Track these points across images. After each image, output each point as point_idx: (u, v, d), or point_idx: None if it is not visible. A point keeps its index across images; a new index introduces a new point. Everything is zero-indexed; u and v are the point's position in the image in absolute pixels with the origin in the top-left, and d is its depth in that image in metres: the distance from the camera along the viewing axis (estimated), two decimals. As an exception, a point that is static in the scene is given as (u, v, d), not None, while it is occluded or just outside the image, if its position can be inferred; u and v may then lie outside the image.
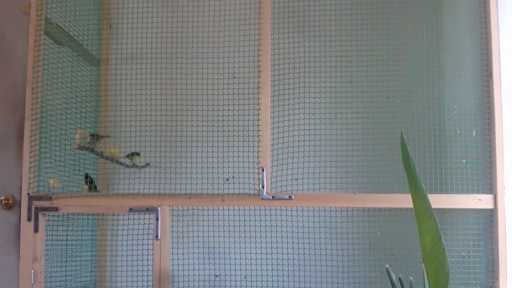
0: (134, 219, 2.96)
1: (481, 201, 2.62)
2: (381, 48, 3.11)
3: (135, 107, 3.11)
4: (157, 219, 2.75)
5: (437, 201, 2.61)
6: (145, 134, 3.07)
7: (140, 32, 3.15)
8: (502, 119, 2.62)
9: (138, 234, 2.97)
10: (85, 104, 3.16)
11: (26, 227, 2.78)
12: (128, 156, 3.12)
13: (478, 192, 2.66)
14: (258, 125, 2.74)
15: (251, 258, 3.02)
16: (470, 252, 2.73)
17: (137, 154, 3.14)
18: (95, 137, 3.03)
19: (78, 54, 3.17)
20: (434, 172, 2.74)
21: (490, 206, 2.62)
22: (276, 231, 2.99)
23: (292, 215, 2.98)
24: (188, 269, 2.99)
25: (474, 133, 2.72)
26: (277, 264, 3.00)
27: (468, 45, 2.83)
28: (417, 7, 3.06)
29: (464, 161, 2.72)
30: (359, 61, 3.11)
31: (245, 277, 3.02)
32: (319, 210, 2.97)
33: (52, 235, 2.92)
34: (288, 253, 3.03)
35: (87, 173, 3.07)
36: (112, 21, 3.42)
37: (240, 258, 3.04)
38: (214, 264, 3.17)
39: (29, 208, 2.79)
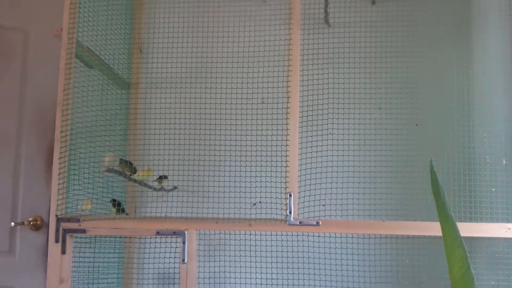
0: (161, 242, 2.96)
1: (511, 230, 2.59)
2: (410, 76, 3.11)
3: (164, 130, 3.12)
4: (183, 242, 2.75)
5: (466, 229, 2.58)
6: (173, 158, 3.08)
7: (170, 57, 3.18)
8: (533, 147, 2.61)
9: (164, 257, 2.97)
10: (114, 127, 3.18)
11: (54, 248, 2.79)
12: (156, 179, 3.13)
13: (507, 221, 2.63)
14: (286, 150, 2.74)
15: (277, 284, 3.00)
16: (499, 281, 2.70)
17: (165, 177, 3.15)
18: (127, 163, 3.04)
19: (108, 77, 3.20)
20: (463, 200, 2.71)
21: (520, 235, 2.59)
22: (303, 257, 2.98)
23: (319, 241, 2.97)
24: (214, 294, 2.99)
25: (504, 162, 2.70)
26: (304, 290, 2.99)
27: (498, 73, 2.81)
28: (448, 36, 3.06)
29: (493, 189, 2.70)
30: (388, 88, 3.11)
31: (271, 303, 3.01)
32: (347, 236, 2.95)
33: (79, 257, 2.93)
34: (315, 279, 3.01)
35: (112, 198, 3.09)
36: (143, 46, 3.45)
37: (267, 284, 3.02)
38: (240, 289, 3.16)
39: (57, 230, 2.80)
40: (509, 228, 2.59)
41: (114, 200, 3.08)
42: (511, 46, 2.72)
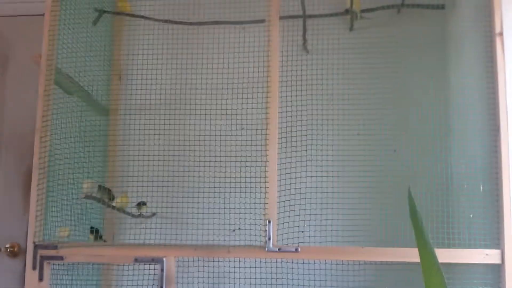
0: (139, 269, 2.94)
1: (489, 256, 2.60)
2: (388, 101, 3.13)
3: (143, 157, 3.12)
4: (162, 270, 2.74)
5: (445, 255, 2.59)
6: (152, 184, 3.07)
7: (149, 83, 3.18)
8: (510, 173, 2.62)
9: (143, 284, 2.95)
10: (93, 154, 3.17)
11: (31, 275, 2.77)
12: (135, 206, 3.12)
13: (486, 247, 2.64)
14: (265, 177, 2.74)
15: (256, 311, 2.99)
16: (477, 308, 2.71)
17: (144, 203, 3.14)
18: (105, 190, 3.03)
19: (87, 103, 3.19)
20: (441, 226, 2.72)
21: (497, 261, 2.60)
22: (282, 283, 2.97)
23: (298, 268, 2.97)
24: (193, 321, 2.97)
25: (482, 188, 2.71)
26: (283, 317, 2.98)
27: (475, 99, 2.84)
28: (424, 61, 3.09)
29: (471, 215, 2.71)
30: (366, 115, 3.13)
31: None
32: (326, 263, 2.95)
33: (57, 284, 2.90)
34: (293, 306, 3.01)
35: (92, 226, 3.07)
36: (122, 72, 3.46)
37: (246, 311, 3.01)
38: (219, 316, 3.15)
39: (34, 257, 2.78)
40: (487, 254, 2.60)
41: (92, 227, 3.06)
42: (486, 71, 2.75)
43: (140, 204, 3.13)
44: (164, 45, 3.29)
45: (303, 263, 2.96)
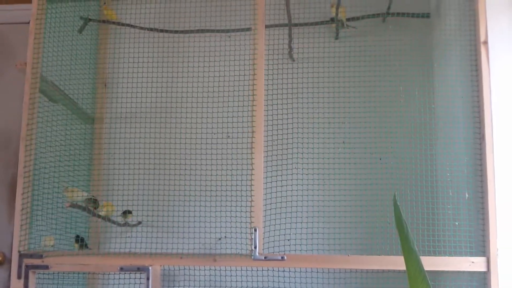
0: (125, 278, 2.93)
1: (474, 263, 2.61)
2: (373, 110, 3.14)
3: (128, 165, 3.11)
4: (148, 278, 2.73)
5: (430, 263, 2.59)
6: (137, 193, 3.07)
7: (134, 91, 3.18)
8: (495, 181, 2.63)
9: (128, 293, 2.94)
10: (78, 162, 3.16)
11: (16, 285, 2.75)
12: (121, 214, 3.11)
13: (471, 254, 2.64)
14: (251, 185, 2.74)
15: (242, 320, 2.99)
16: (463, 315, 2.71)
17: (130, 212, 3.13)
18: (91, 200, 3.01)
19: (72, 112, 3.18)
20: (427, 234, 2.73)
21: (483, 269, 2.61)
22: (268, 292, 2.97)
23: (284, 276, 2.96)
24: (179, 330, 2.96)
25: (467, 195, 2.72)
26: (269, 325, 2.97)
27: (460, 108, 2.85)
28: (410, 70, 3.10)
29: (457, 223, 2.72)
30: (352, 123, 3.14)
31: None
32: (312, 271, 2.95)
33: (42, 293, 2.90)
34: (280, 315, 3.00)
35: (77, 235, 3.06)
36: (107, 80, 3.45)
37: (232, 320, 3.01)
38: (205, 325, 3.14)
39: (20, 266, 2.76)
40: (472, 262, 2.61)
41: (78, 236, 3.05)
42: (471, 79, 2.76)
43: (126, 213, 3.12)
44: (149, 53, 3.29)
45: (290, 271, 2.96)
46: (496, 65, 2.72)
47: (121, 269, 2.75)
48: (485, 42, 2.72)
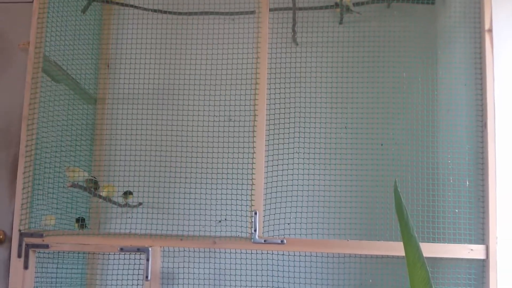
0: (124, 259, 2.94)
1: (473, 251, 2.61)
2: (376, 96, 3.14)
3: (130, 146, 3.11)
4: (147, 259, 2.74)
5: (429, 250, 2.60)
6: (138, 174, 3.07)
7: (137, 73, 3.17)
8: (496, 169, 2.63)
9: (128, 274, 2.94)
10: (80, 142, 3.16)
11: (16, 263, 2.76)
12: (121, 195, 3.11)
13: (470, 242, 2.65)
14: (252, 168, 2.75)
15: (241, 302, 3.00)
16: (461, 302, 2.72)
17: (130, 193, 3.13)
18: (92, 181, 3.02)
19: (75, 92, 3.18)
20: (426, 221, 2.73)
21: (482, 256, 2.61)
22: (267, 275, 2.97)
23: (283, 260, 2.97)
24: (177, 312, 2.97)
25: (468, 183, 2.72)
26: (267, 309, 2.98)
27: (463, 95, 2.85)
28: (413, 57, 3.09)
29: (457, 210, 2.72)
30: (354, 108, 3.13)
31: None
32: (311, 255, 2.96)
33: (42, 272, 2.90)
34: (278, 298, 3.01)
35: (79, 217, 3.07)
36: (110, 61, 3.45)
37: (230, 302, 3.02)
38: (204, 307, 3.15)
39: (20, 245, 2.77)
40: (471, 249, 2.62)
41: (78, 219, 3.06)
42: (474, 67, 2.75)
43: (127, 194, 3.13)
44: (153, 35, 3.28)
45: (289, 255, 2.97)
46: (500, 53, 2.71)
47: (121, 249, 2.76)
48: (490, 30, 2.71)
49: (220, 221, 3.15)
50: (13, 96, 3.40)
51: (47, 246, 2.77)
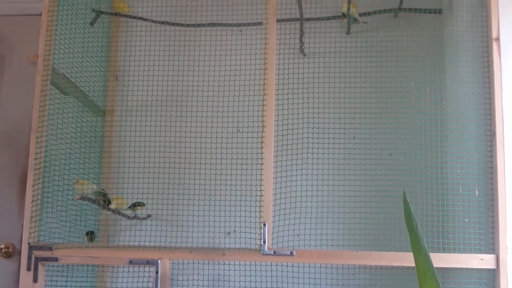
0: (134, 271, 2.94)
1: (484, 261, 2.60)
2: (384, 106, 3.13)
3: (138, 158, 3.12)
4: (157, 272, 2.73)
5: (439, 260, 2.59)
6: (147, 186, 3.07)
7: (145, 84, 3.18)
8: (505, 178, 2.62)
9: (137, 286, 2.94)
10: (88, 155, 3.17)
11: (25, 277, 2.76)
12: (131, 207, 3.11)
13: (480, 252, 2.64)
14: (261, 180, 2.74)
15: (250, 314, 2.99)
16: (471, 312, 2.71)
17: (139, 204, 3.12)
18: (101, 193, 3.02)
19: (83, 104, 3.19)
20: (436, 231, 2.72)
21: (492, 266, 2.60)
22: (277, 287, 2.97)
23: (293, 271, 2.97)
24: (187, 324, 2.97)
25: (477, 193, 2.72)
26: (277, 320, 2.98)
27: (471, 104, 2.84)
28: (421, 66, 3.09)
29: (466, 220, 2.71)
30: (363, 118, 3.13)
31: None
32: (321, 266, 2.95)
33: (51, 285, 2.90)
34: (288, 309, 3.00)
35: (88, 230, 3.08)
36: (118, 73, 3.46)
37: (240, 314, 3.01)
38: (213, 318, 3.14)
39: (29, 258, 2.77)
40: (482, 259, 2.60)
41: (88, 232, 3.07)
42: (483, 76, 2.75)
43: (135, 205, 3.12)
44: (161, 47, 3.29)
45: (298, 266, 2.96)
46: (508, 62, 2.70)
47: (130, 262, 2.75)
48: (497, 39, 2.71)
49: (229, 233, 3.15)
50: (22, 109, 3.42)
51: (56, 259, 2.78)
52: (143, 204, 3.12)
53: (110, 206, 3.05)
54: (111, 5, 3.46)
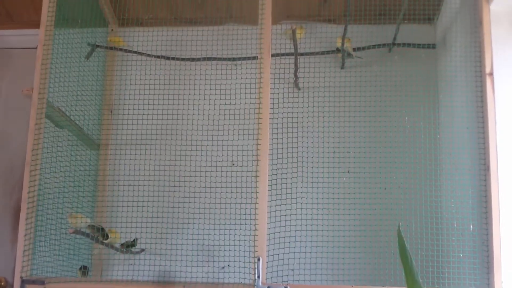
0: (127, 306, 2.92)
1: (479, 296, 2.59)
2: (378, 140, 3.14)
3: (133, 192, 3.11)
4: (150, 307, 2.72)
5: (434, 295, 2.58)
6: (141, 220, 3.06)
7: (140, 118, 3.19)
8: (499, 213, 2.61)
9: (130, 321, 2.92)
10: (83, 188, 3.16)
11: (18, 311, 2.74)
12: (123, 245, 3.09)
13: (475, 287, 2.63)
14: (255, 214, 2.73)
15: None
16: None
17: (133, 245, 3.10)
18: (97, 229, 3.00)
19: (78, 137, 3.19)
20: (431, 265, 2.71)
21: (487, 301, 2.59)
22: (271, 322, 2.95)
23: (287, 306, 2.95)
24: None
25: (472, 227, 2.71)
26: None
27: (465, 138, 2.85)
28: (415, 101, 3.10)
29: (461, 255, 2.70)
30: (357, 152, 3.14)
31: None
32: (315, 301, 2.94)
33: (44, 320, 2.88)
34: None
35: (82, 265, 3.06)
36: (113, 106, 3.46)
37: None
38: None
39: (21, 292, 2.75)
40: (476, 294, 2.59)
41: (81, 267, 3.05)
42: (477, 111, 2.76)
43: (129, 246, 3.10)
44: (156, 81, 3.30)
45: (292, 301, 2.95)
46: (501, 97, 2.71)
47: (124, 296, 2.74)
48: (491, 74, 2.72)
49: (223, 267, 3.13)
50: (16, 142, 3.42)
51: (49, 294, 2.76)
52: (135, 243, 3.11)
53: (103, 240, 3.03)
54: (106, 39, 3.48)
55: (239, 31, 3.20)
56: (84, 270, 3.02)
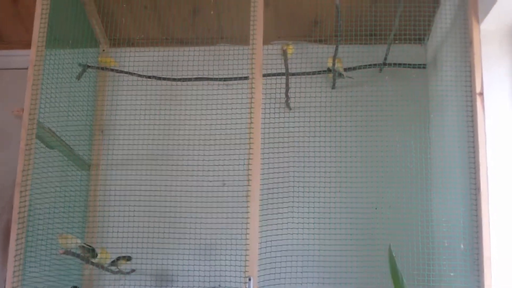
0: (118, 328, 2.90)
1: (470, 316, 2.59)
2: (369, 159, 3.15)
3: (123, 212, 3.10)
4: (141, 328, 2.70)
5: (426, 315, 2.58)
6: (132, 240, 3.05)
7: (131, 139, 3.18)
8: (490, 233, 2.61)
9: None
10: (73, 209, 3.15)
11: (7, 333, 2.72)
12: (114, 261, 3.07)
13: (467, 306, 2.63)
14: (246, 234, 2.73)
15: None
16: None
17: (124, 258, 3.09)
18: (85, 248, 2.99)
19: (68, 158, 3.18)
20: (422, 285, 2.71)
21: (479, 321, 2.59)
22: None
23: (279, 326, 2.94)
24: None
25: (462, 246, 2.71)
26: None
27: (456, 158, 2.85)
28: (406, 120, 3.11)
29: (452, 274, 2.70)
30: (348, 172, 3.14)
31: None
32: (306, 322, 2.93)
33: None
34: None
35: (72, 286, 3.04)
36: (104, 127, 3.46)
37: None
38: None
39: (11, 314, 2.73)
40: (468, 314, 2.59)
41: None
42: (467, 130, 2.76)
43: (119, 259, 3.08)
44: (147, 101, 3.30)
45: (284, 321, 2.94)
46: (492, 117, 2.72)
47: (114, 317, 2.72)
48: (481, 94, 2.73)
49: (214, 288, 3.12)
50: (6, 162, 3.40)
51: (39, 315, 2.74)
52: (130, 258, 3.09)
53: (92, 260, 3.01)
54: (98, 59, 3.49)
55: (230, 51, 3.20)
56: (75, 289, 3.01)
